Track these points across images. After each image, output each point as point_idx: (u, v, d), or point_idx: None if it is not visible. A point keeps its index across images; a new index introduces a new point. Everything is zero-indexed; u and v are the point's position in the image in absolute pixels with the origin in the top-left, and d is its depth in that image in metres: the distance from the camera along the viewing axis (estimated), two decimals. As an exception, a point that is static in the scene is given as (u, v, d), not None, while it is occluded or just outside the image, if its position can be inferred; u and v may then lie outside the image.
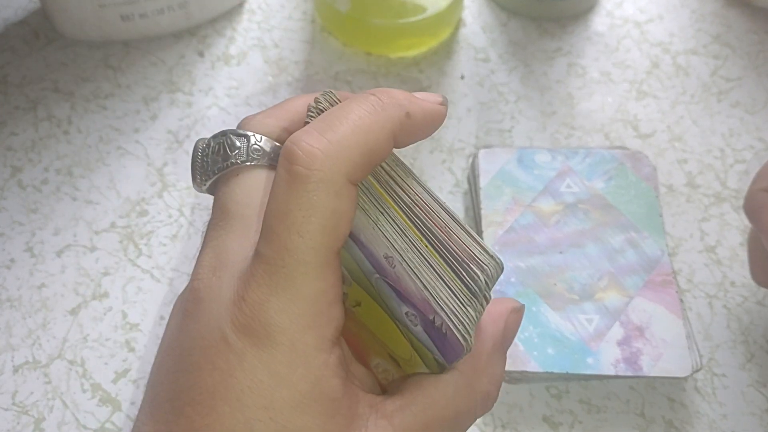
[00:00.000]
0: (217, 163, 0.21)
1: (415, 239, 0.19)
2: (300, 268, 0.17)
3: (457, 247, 0.19)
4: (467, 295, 0.18)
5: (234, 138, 0.21)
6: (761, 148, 0.38)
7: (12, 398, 0.30)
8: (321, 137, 0.18)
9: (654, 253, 0.31)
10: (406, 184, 0.19)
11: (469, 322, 0.18)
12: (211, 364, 0.18)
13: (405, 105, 0.19)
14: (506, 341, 0.21)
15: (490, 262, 0.18)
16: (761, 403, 0.30)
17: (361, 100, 0.19)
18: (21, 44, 0.41)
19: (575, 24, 0.43)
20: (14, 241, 0.34)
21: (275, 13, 0.43)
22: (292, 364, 0.17)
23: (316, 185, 0.17)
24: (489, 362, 0.20)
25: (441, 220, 0.19)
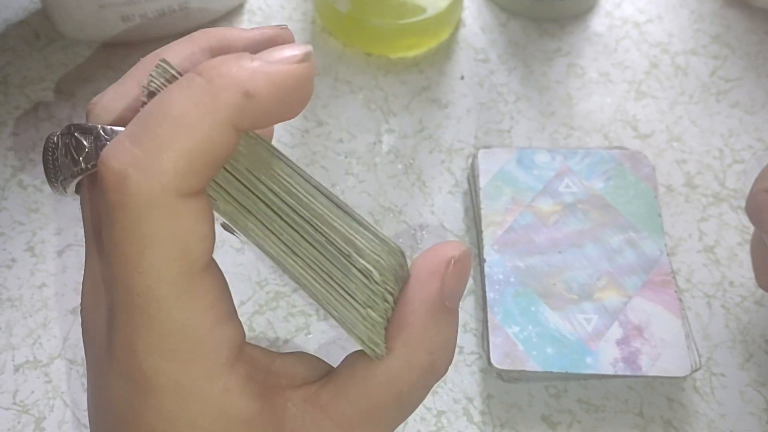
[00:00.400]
0: (68, 168, 0.18)
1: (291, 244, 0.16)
2: (153, 306, 0.15)
3: (344, 242, 0.16)
4: (364, 294, 0.16)
5: (80, 137, 0.17)
6: (760, 148, 0.38)
7: (13, 397, 0.30)
8: (133, 149, 0.14)
9: (653, 253, 0.31)
10: (273, 174, 0.16)
11: (372, 327, 0.16)
12: (108, 411, 0.17)
13: (241, 82, 0.15)
14: (448, 299, 0.18)
15: (382, 250, 0.16)
16: (760, 403, 0.30)
17: (184, 87, 0.15)
18: (22, 44, 0.41)
19: (574, 24, 0.43)
20: (15, 240, 0.34)
21: (275, 14, 0.43)
22: (184, 404, 0.16)
23: (138, 212, 0.14)
24: (425, 332, 0.17)
25: (321, 212, 0.16)
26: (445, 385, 0.30)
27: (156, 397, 0.16)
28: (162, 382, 0.16)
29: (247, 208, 0.16)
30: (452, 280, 0.17)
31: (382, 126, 0.38)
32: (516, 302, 0.30)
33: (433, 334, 0.17)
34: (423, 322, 0.17)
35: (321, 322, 0.32)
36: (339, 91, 0.39)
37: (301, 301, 0.33)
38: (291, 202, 0.16)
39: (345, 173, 0.36)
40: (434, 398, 0.30)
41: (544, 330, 0.29)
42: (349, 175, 0.36)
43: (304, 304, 0.32)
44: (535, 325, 0.29)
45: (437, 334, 0.17)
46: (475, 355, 0.31)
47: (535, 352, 0.29)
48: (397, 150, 0.37)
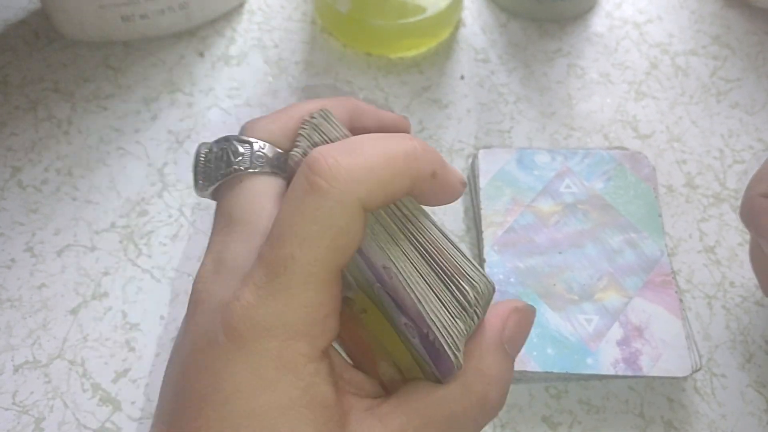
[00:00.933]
0: (220, 169, 0.21)
1: (409, 252, 0.19)
2: (301, 279, 0.17)
3: (448, 264, 0.19)
4: (457, 307, 0.18)
5: (237, 144, 0.21)
6: (760, 148, 0.38)
7: (12, 398, 0.30)
8: (349, 157, 0.18)
9: (653, 254, 0.31)
10: (406, 208, 0.20)
11: (458, 335, 0.18)
12: (202, 366, 0.18)
13: (436, 165, 0.19)
14: (508, 342, 0.20)
15: (481, 280, 0.19)
16: (760, 404, 0.30)
17: (401, 140, 0.19)
18: (21, 45, 0.41)
19: (575, 25, 0.43)
20: (14, 241, 0.34)
21: (275, 14, 0.43)
22: (282, 370, 0.17)
23: (335, 202, 0.17)
24: (485, 362, 0.19)
25: (435, 238, 0.19)
26: (446, 385, 0.30)
27: (257, 357, 0.17)
28: (270, 346, 0.17)
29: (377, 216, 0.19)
30: (512, 325, 0.20)
31: (382, 126, 0.38)
32: (516, 303, 0.30)
33: (491, 368, 0.19)
34: (483, 354, 0.19)
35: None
36: (340, 91, 0.39)
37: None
38: (411, 226, 0.19)
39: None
40: (434, 399, 0.30)
41: (545, 330, 0.29)
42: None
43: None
44: (535, 326, 0.29)
45: (493, 369, 0.20)
46: (475, 355, 0.31)
47: (535, 352, 0.28)
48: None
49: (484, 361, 0.19)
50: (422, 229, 0.19)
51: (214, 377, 0.17)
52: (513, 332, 0.20)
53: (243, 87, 0.40)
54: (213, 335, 0.18)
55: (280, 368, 0.17)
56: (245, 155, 0.21)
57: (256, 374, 0.17)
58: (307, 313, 0.17)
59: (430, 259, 0.19)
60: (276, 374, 0.17)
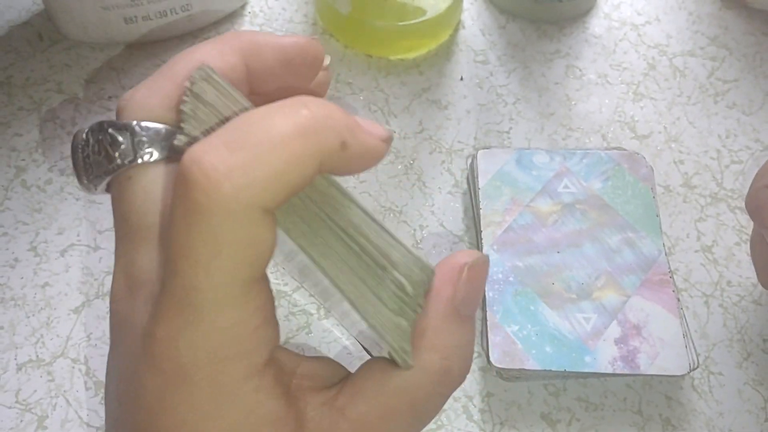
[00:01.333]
0: (101, 165, 0.18)
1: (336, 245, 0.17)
2: (212, 305, 0.15)
3: (379, 252, 0.17)
4: (396, 302, 0.17)
5: (115, 133, 0.18)
6: (758, 149, 0.38)
7: (15, 396, 0.30)
8: (230, 156, 0.14)
9: (651, 253, 0.31)
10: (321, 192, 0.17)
11: (403, 334, 0.17)
12: (137, 400, 0.16)
13: (344, 133, 0.16)
14: (462, 305, 0.18)
15: (416, 264, 0.17)
16: (758, 401, 0.30)
17: (288, 114, 0.15)
18: (25, 46, 0.41)
19: (573, 26, 0.43)
20: (18, 240, 0.34)
21: (277, 16, 0.43)
22: (217, 399, 0.16)
23: (223, 217, 0.14)
24: (438, 337, 0.18)
25: (360, 224, 0.17)
26: (445, 383, 0.31)
27: (190, 391, 0.16)
28: (198, 377, 0.16)
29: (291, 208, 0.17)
30: (465, 287, 0.18)
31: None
32: (515, 301, 0.30)
33: (446, 339, 0.18)
34: (436, 328, 0.18)
35: (322, 321, 0.32)
36: (340, 92, 0.40)
37: (302, 300, 0.33)
38: (330, 210, 0.17)
39: (345, 174, 0.37)
40: (434, 396, 0.30)
41: (543, 329, 0.29)
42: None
43: (305, 303, 0.33)
44: (534, 324, 0.29)
45: (451, 340, 0.18)
46: (474, 353, 0.31)
47: (534, 350, 0.29)
48: (398, 150, 0.38)
49: (439, 336, 0.18)
50: (344, 215, 0.17)
51: (149, 413, 0.16)
52: (465, 293, 0.18)
53: (244, 88, 0.40)
54: (138, 373, 0.16)
55: (216, 396, 0.16)
56: (126, 145, 0.18)
57: (191, 408, 0.16)
58: (229, 335, 0.16)
59: (359, 250, 0.17)
60: (211, 405, 0.16)
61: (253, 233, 0.15)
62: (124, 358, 0.17)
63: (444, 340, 0.18)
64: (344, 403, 0.18)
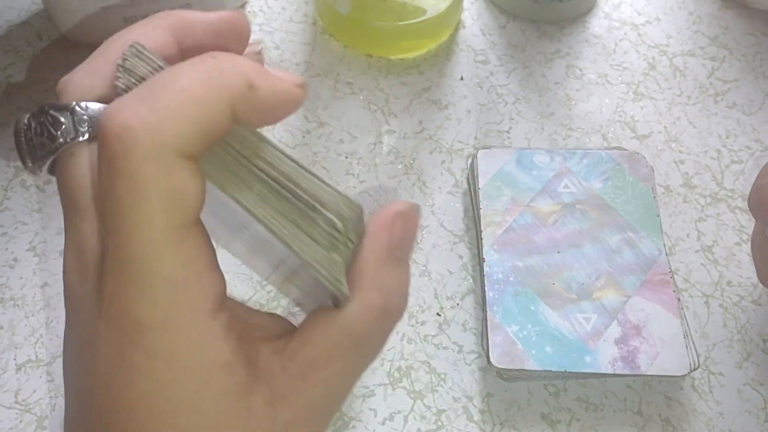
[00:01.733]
0: (44, 146, 0.19)
1: (265, 192, 0.18)
2: (147, 254, 0.16)
3: (307, 194, 0.18)
4: (328, 239, 0.18)
5: (56, 114, 0.19)
6: (758, 149, 0.38)
7: (15, 396, 0.30)
8: (140, 107, 0.15)
9: (651, 253, 0.31)
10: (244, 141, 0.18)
11: (338, 268, 0.18)
12: (94, 362, 0.17)
13: (250, 75, 0.17)
14: (398, 248, 0.20)
15: (344, 203, 0.18)
16: (757, 402, 0.30)
17: (195, 64, 0.16)
18: (24, 46, 0.41)
19: (573, 26, 0.43)
20: (18, 240, 0.34)
21: (277, 16, 0.43)
22: (170, 344, 0.17)
23: (141, 163, 0.15)
24: (376, 276, 0.19)
25: (286, 168, 0.18)
26: (445, 383, 0.31)
27: (144, 338, 0.17)
28: (150, 324, 0.17)
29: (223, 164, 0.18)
30: (399, 232, 0.20)
31: (382, 127, 0.38)
32: (515, 301, 0.30)
33: (384, 278, 0.19)
34: (374, 267, 0.19)
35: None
36: (340, 92, 0.40)
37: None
38: (261, 162, 0.18)
39: (346, 174, 0.37)
40: (434, 397, 0.30)
41: (544, 329, 0.29)
42: (349, 175, 0.37)
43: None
44: (534, 325, 0.29)
45: (388, 278, 0.19)
46: (474, 354, 0.31)
47: (534, 351, 0.29)
48: (398, 150, 0.37)
49: (378, 276, 0.19)
50: (270, 161, 0.18)
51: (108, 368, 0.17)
52: (400, 238, 0.20)
53: (244, 88, 0.40)
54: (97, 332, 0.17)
55: (169, 343, 0.17)
56: (66, 125, 0.19)
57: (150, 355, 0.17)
58: (172, 283, 0.17)
59: (287, 194, 0.18)
60: (167, 351, 0.17)
61: (175, 178, 0.16)
62: (79, 327, 0.18)
63: (382, 280, 0.19)
64: (293, 349, 0.19)
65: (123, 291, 0.17)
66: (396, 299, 0.20)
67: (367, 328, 0.19)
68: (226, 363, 0.18)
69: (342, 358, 0.19)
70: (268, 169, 0.18)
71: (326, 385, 0.19)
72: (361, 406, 0.30)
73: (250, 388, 0.18)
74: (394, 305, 0.20)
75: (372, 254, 0.19)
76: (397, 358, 0.31)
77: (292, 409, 0.18)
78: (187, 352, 0.17)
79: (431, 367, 0.31)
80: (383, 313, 0.19)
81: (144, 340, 0.17)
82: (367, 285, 0.19)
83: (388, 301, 0.19)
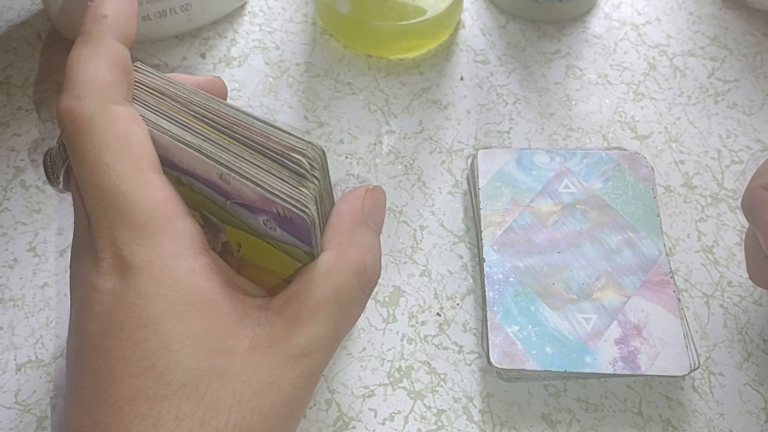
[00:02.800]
0: (60, 156, 0.23)
1: (231, 146, 0.20)
2: (120, 199, 0.19)
3: (272, 142, 0.20)
4: (295, 178, 0.20)
5: None
6: (758, 149, 0.38)
7: (15, 397, 0.30)
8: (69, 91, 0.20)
9: (651, 253, 0.31)
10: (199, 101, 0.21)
11: (304, 198, 0.19)
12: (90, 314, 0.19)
13: (100, 11, 0.21)
14: (369, 217, 0.22)
15: (307, 147, 0.20)
16: (758, 402, 0.30)
17: (76, 43, 0.21)
18: (24, 46, 0.41)
19: (573, 26, 0.43)
20: (17, 240, 0.34)
21: (276, 16, 0.43)
22: (157, 280, 0.19)
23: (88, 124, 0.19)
24: (352, 235, 0.21)
25: (247, 122, 0.20)
26: (445, 384, 0.31)
27: (134, 277, 0.19)
28: (138, 263, 0.19)
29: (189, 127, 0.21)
30: (369, 203, 0.22)
31: (382, 127, 0.38)
32: (515, 302, 0.30)
33: (360, 238, 0.21)
34: (350, 228, 0.21)
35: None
36: (340, 92, 0.40)
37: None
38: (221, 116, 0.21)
39: (346, 174, 0.37)
40: (434, 397, 0.30)
41: (544, 329, 0.29)
42: (349, 175, 0.37)
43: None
44: (534, 325, 0.29)
45: (364, 239, 0.21)
46: (474, 354, 0.31)
47: (534, 351, 0.29)
48: (398, 151, 0.37)
49: (354, 234, 0.21)
50: (231, 117, 0.20)
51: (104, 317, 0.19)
52: (371, 208, 0.22)
53: (244, 88, 0.40)
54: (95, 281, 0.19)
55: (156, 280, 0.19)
56: None
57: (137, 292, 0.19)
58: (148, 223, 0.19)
59: (253, 144, 0.20)
60: (155, 286, 0.19)
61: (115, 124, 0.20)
62: (80, 293, 0.20)
63: (359, 239, 0.21)
64: (277, 302, 0.20)
65: (112, 235, 0.19)
66: (371, 259, 0.21)
67: (346, 282, 0.20)
68: (210, 300, 0.19)
69: (325, 312, 0.20)
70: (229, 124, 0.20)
71: (310, 336, 0.20)
72: (361, 406, 0.30)
73: (236, 330, 0.19)
74: (370, 263, 0.21)
75: (349, 215, 0.21)
76: (397, 358, 0.31)
77: (277, 357, 0.19)
78: (173, 288, 0.19)
79: (431, 367, 0.31)
80: (361, 269, 0.21)
81: (135, 282, 0.19)
82: (345, 241, 0.21)
83: (365, 258, 0.21)
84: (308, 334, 0.20)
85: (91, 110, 0.19)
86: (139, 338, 0.18)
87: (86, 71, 0.20)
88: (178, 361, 0.18)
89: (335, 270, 0.20)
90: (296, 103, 0.39)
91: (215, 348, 0.19)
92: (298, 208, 0.19)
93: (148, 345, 0.18)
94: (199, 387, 0.18)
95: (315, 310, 0.20)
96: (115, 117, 0.20)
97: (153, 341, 0.18)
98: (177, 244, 0.19)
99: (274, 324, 0.20)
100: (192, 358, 0.18)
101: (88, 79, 0.20)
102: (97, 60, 0.20)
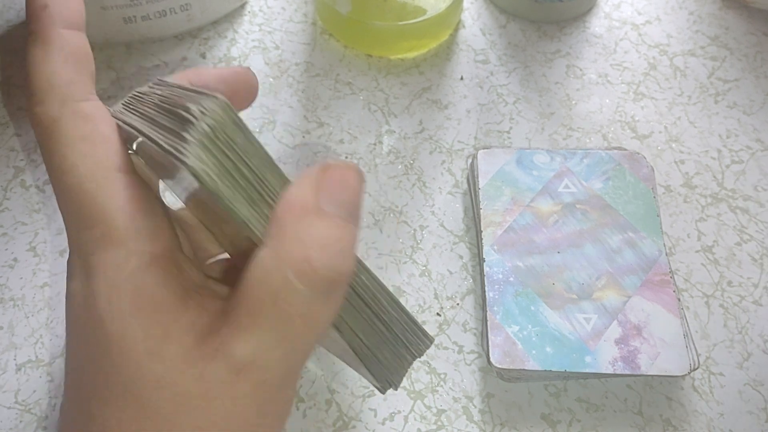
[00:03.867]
0: None
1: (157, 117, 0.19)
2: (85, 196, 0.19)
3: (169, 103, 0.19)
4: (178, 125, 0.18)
5: None
6: (758, 149, 0.38)
7: (15, 397, 0.30)
8: (32, 99, 0.20)
9: (652, 253, 0.31)
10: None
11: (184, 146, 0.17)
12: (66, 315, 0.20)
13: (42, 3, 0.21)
14: (328, 200, 0.18)
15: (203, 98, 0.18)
16: (758, 402, 0.30)
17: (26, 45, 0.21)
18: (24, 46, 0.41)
19: (574, 26, 0.43)
20: (17, 241, 0.34)
21: (276, 16, 0.43)
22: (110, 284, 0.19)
23: (52, 126, 0.20)
24: (298, 227, 0.17)
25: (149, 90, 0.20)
26: (445, 384, 0.30)
27: (93, 279, 0.19)
28: (95, 264, 0.19)
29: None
30: (327, 184, 0.18)
31: (382, 127, 0.38)
32: (515, 302, 0.30)
33: (306, 229, 0.17)
34: (290, 217, 0.18)
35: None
36: (340, 92, 0.40)
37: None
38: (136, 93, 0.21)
39: (345, 174, 0.37)
40: (434, 397, 0.30)
41: (544, 329, 0.29)
42: (349, 175, 0.36)
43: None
44: (534, 325, 0.29)
45: (312, 229, 0.17)
46: (474, 354, 0.31)
47: (534, 351, 0.29)
48: (398, 151, 0.37)
49: (299, 226, 0.17)
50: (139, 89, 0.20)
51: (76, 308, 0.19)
52: (332, 189, 0.18)
53: (244, 88, 0.40)
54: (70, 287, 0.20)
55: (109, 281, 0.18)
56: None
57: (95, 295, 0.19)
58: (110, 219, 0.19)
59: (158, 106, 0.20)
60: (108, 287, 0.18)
61: (79, 123, 0.20)
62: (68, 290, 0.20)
63: (305, 231, 0.17)
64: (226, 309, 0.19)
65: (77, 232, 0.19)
66: (320, 252, 0.17)
67: (283, 283, 0.17)
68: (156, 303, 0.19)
69: (263, 315, 0.17)
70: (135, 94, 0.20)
71: (251, 346, 0.17)
72: (361, 406, 0.30)
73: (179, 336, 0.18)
74: (317, 259, 0.17)
75: (289, 202, 0.18)
76: (397, 358, 0.31)
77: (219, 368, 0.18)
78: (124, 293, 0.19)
79: (431, 367, 0.31)
80: (303, 268, 0.17)
81: (92, 287, 0.19)
82: (285, 233, 0.17)
83: (308, 253, 0.17)
84: (249, 344, 0.17)
85: (53, 114, 0.19)
86: (92, 341, 0.18)
87: (42, 74, 0.20)
88: (120, 366, 0.18)
89: (271, 270, 0.17)
90: (296, 103, 0.39)
91: (156, 353, 0.18)
92: (173, 154, 0.17)
93: (96, 349, 0.18)
94: (142, 393, 0.18)
95: (254, 318, 0.17)
96: (80, 116, 0.20)
97: (101, 345, 0.18)
98: (134, 245, 0.19)
99: (218, 332, 0.18)
100: (133, 363, 0.18)
101: (45, 81, 0.20)
102: (49, 59, 0.20)
